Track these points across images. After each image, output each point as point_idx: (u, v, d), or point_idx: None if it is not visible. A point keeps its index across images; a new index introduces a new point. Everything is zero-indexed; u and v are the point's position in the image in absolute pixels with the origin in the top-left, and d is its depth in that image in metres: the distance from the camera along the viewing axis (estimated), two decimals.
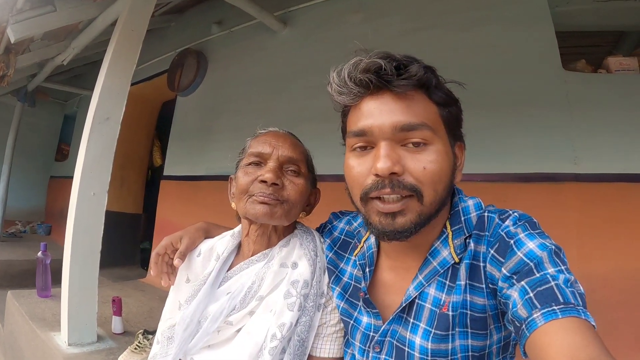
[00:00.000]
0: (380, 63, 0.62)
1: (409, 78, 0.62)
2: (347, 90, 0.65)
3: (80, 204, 1.84)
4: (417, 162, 0.63)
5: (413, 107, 0.64)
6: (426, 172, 0.63)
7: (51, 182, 6.11)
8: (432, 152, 0.64)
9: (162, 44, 3.94)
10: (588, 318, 0.50)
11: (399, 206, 0.63)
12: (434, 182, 0.63)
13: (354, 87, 0.65)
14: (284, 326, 0.74)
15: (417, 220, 0.64)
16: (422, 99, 0.65)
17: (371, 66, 0.62)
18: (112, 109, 1.92)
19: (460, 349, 0.65)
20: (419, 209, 0.64)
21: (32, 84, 4.54)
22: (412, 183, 0.63)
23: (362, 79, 0.63)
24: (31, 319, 2.16)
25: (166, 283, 0.88)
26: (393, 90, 0.63)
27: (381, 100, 0.64)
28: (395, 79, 0.62)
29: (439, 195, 0.65)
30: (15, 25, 2.12)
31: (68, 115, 6.28)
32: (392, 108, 0.63)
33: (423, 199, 0.63)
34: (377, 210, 0.65)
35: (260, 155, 0.81)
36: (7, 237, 4.89)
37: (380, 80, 0.63)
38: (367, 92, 0.65)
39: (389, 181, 0.62)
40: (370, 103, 0.65)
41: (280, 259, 0.81)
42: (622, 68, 1.82)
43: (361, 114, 0.66)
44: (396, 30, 2.28)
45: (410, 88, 0.63)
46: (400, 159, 0.63)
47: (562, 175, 1.71)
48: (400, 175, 0.62)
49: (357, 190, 0.67)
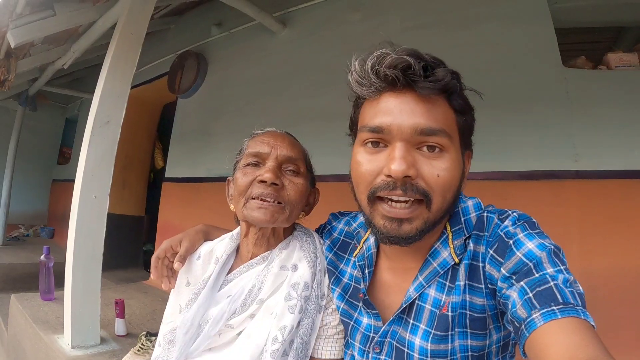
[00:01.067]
0: (410, 61, 0.59)
1: (436, 81, 0.60)
2: (368, 83, 0.63)
3: (82, 207, 1.84)
4: (431, 168, 0.62)
5: (434, 111, 0.62)
6: (439, 180, 0.62)
7: (53, 186, 6.13)
8: (446, 160, 0.62)
9: (162, 47, 3.94)
10: (587, 318, 0.50)
11: (408, 213, 0.62)
12: (444, 191, 0.63)
13: (376, 81, 0.62)
14: (285, 329, 0.73)
15: (423, 227, 0.63)
16: (442, 104, 0.64)
17: (399, 63, 0.60)
18: (112, 112, 1.92)
19: (460, 349, 0.65)
20: (426, 216, 0.63)
21: (33, 88, 4.54)
22: (424, 188, 0.61)
23: (388, 75, 0.61)
24: (34, 321, 2.17)
25: (166, 287, 0.88)
26: (417, 91, 0.61)
27: (403, 100, 0.62)
28: (421, 80, 0.60)
29: (446, 203, 0.64)
30: (15, 30, 2.12)
31: (69, 119, 6.29)
32: (413, 109, 0.61)
33: (431, 206, 0.62)
34: (383, 214, 0.63)
35: (259, 155, 0.80)
36: (10, 241, 4.89)
37: (407, 79, 0.60)
38: (388, 87, 0.63)
39: (401, 183, 0.61)
40: (391, 100, 0.63)
41: (280, 262, 0.81)
42: (622, 64, 1.81)
43: (379, 110, 0.63)
44: (395, 29, 2.27)
45: (434, 92, 0.61)
46: (415, 163, 0.61)
47: (562, 172, 1.70)
48: (414, 179, 0.61)
49: (364, 188, 0.65)
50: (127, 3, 1.97)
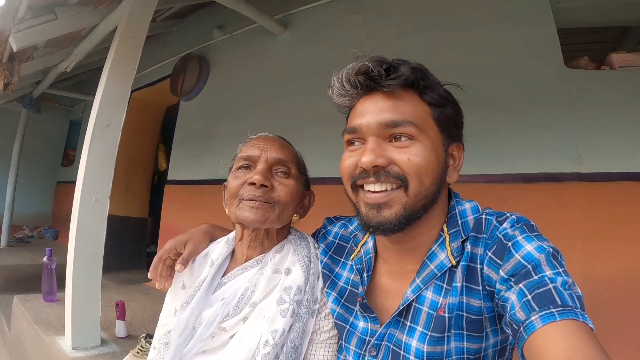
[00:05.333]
0: (369, 65, 0.67)
1: (397, 78, 0.67)
2: (345, 92, 0.71)
3: (83, 210, 1.85)
4: (401, 154, 0.67)
5: (401, 105, 0.68)
6: (411, 163, 0.66)
7: (58, 188, 6.18)
8: (416, 147, 0.67)
9: (165, 49, 3.97)
10: (586, 321, 0.51)
11: (384, 196, 0.67)
12: (419, 174, 0.66)
13: (350, 89, 0.70)
14: (276, 332, 0.73)
15: (403, 212, 0.66)
16: (412, 98, 0.69)
17: (361, 68, 0.68)
18: (112, 115, 1.93)
19: (456, 352, 0.65)
20: (404, 201, 0.66)
21: (37, 91, 4.58)
22: (398, 172, 0.66)
23: (354, 81, 0.69)
24: (36, 322, 2.18)
25: (161, 285, 0.88)
26: (383, 90, 0.68)
27: (372, 100, 0.70)
28: (383, 80, 0.67)
29: (424, 187, 0.67)
30: (17, 34, 2.14)
31: (73, 121, 6.34)
32: (381, 107, 0.68)
33: (409, 190, 0.66)
34: (365, 201, 0.70)
35: (249, 158, 0.82)
36: (14, 242, 4.93)
37: (369, 80, 0.68)
38: (361, 93, 0.71)
39: (373, 172, 0.67)
40: (365, 103, 0.70)
41: (274, 265, 0.81)
42: (625, 64, 1.79)
43: (355, 113, 0.72)
44: (396, 32, 2.28)
45: (398, 87, 0.68)
46: (385, 152, 0.67)
47: (565, 175, 1.69)
48: (386, 167, 0.66)
49: (347, 180, 0.73)
50: (128, 7, 1.99)
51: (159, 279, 0.88)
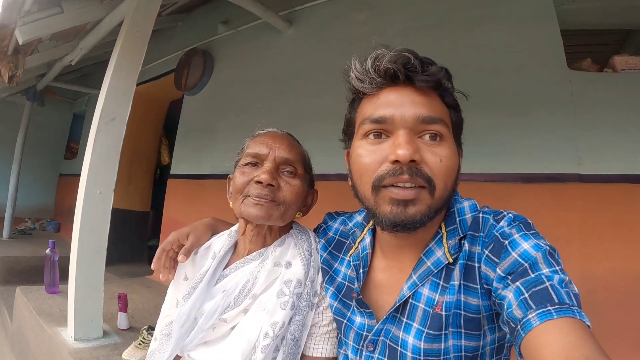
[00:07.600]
0: (409, 56, 0.64)
1: (431, 75, 0.65)
2: (368, 79, 0.67)
3: (87, 203, 1.86)
4: (433, 154, 0.64)
5: (432, 103, 0.66)
6: (442, 165, 0.64)
7: (60, 180, 6.20)
8: (446, 148, 0.66)
9: (169, 44, 3.97)
10: (583, 318, 0.51)
11: (414, 194, 0.63)
12: (446, 177, 0.65)
13: (376, 77, 0.66)
14: (276, 325, 0.74)
15: (427, 212, 0.64)
16: (437, 98, 0.68)
17: (399, 58, 0.64)
18: (117, 109, 1.94)
19: (453, 349, 0.65)
20: (430, 202, 0.64)
21: (41, 84, 4.60)
22: (428, 174, 0.63)
23: (390, 68, 0.64)
24: (39, 314, 2.20)
25: (165, 277, 0.89)
26: (414, 85, 0.65)
27: (403, 93, 0.66)
28: (419, 74, 0.64)
29: (447, 191, 0.66)
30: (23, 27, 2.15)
31: (77, 114, 6.36)
32: (414, 100, 0.65)
33: (435, 192, 0.64)
34: (391, 197, 0.63)
35: (257, 156, 0.82)
36: (17, 234, 4.96)
37: (407, 72, 0.65)
38: (388, 83, 0.66)
39: (407, 168, 0.62)
40: (391, 94, 0.66)
41: (275, 258, 0.82)
42: (628, 67, 1.80)
43: (381, 103, 0.67)
44: (400, 29, 2.28)
45: (429, 86, 0.65)
46: (419, 149, 0.64)
47: (565, 175, 1.70)
48: (418, 164, 0.63)
49: (369, 179, 0.66)
50: (134, 1, 1.99)
51: (162, 271, 0.89)
